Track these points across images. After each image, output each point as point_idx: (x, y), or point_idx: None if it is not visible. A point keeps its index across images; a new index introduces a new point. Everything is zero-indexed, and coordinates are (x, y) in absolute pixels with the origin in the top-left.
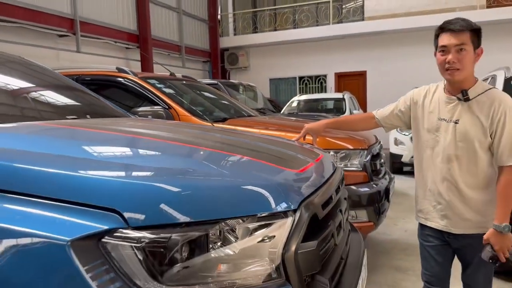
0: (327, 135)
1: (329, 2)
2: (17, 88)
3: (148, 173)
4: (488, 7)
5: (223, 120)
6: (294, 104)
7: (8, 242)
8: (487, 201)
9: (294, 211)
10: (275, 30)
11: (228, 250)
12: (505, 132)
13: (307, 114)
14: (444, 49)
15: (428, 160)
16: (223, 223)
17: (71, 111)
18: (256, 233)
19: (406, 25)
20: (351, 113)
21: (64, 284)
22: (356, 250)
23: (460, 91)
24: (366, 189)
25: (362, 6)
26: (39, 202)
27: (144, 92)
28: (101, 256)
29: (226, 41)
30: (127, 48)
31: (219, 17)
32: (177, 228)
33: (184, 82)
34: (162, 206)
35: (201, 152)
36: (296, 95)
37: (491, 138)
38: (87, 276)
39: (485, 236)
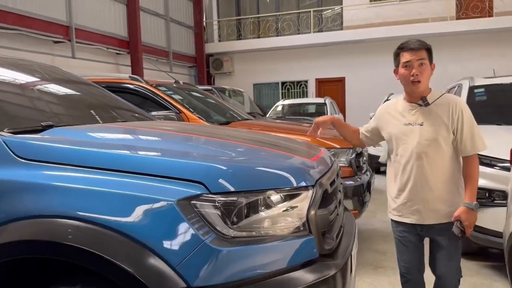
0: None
1: (310, 11)
2: (75, 94)
3: (219, 158)
4: (457, 18)
5: (226, 123)
6: (279, 108)
7: (139, 203)
8: (453, 191)
9: (312, 186)
10: (259, 37)
11: (272, 211)
12: (465, 127)
13: (293, 117)
14: (408, 64)
15: (399, 160)
16: (268, 192)
17: (119, 115)
18: (289, 200)
19: (382, 34)
20: None
21: (174, 226)
22: (350, 223)
23: (420, 99)
24: (352, 182)
25: (341, 16)
26: (155, 179)
27: (156, 98)
28: (193, 211)
29: (211, 47)
30: (117, 53)
31: (204, 23)
32: (239, 194)
33: (187, 88)
34: (230, 180)
35: (245, 146)
36: (278, 99)
37: (453, 134)
38: (188, 223)
39: (455, 213)
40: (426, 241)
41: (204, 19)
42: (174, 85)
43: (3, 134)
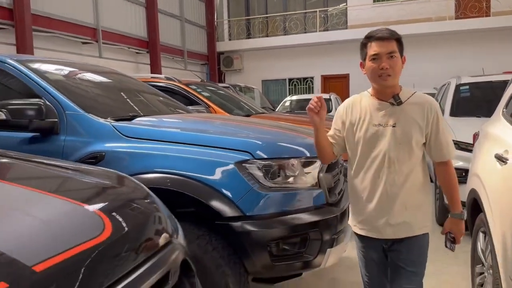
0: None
1: (316, 11)
2: (140, 93)
3: (258, 137)
4: (456, 18)
5: (247, 116)
6: (287, 103)
7: (212, 164)
8: (425, 200)
9: None
10: (267, 36)
11: (293, 172)
12: (440, 130)
13: (301, 112)
14: (376, 57)
15: (364, 168)
16: (291, 159)
17: (171, 108)
18: (306, 166)
19: None
20: None
21: (234, 178)
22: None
23: (391, 97)
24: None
25: (346, 16)
26: (220, 149)
27: (187, 95)
28: (245, 169)
29: (222, 46)
30: (137, 53)
31: (215, 23)
32: (272, 160)
33: (210, 86)
34: (265, 151)
35: (272, 130)
36: (285, 95)
37: (426, 138)
38: (242, 176)
39: (445, 227)
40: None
41: (215, 19)
42: (200, 83)
43: (110, 121)
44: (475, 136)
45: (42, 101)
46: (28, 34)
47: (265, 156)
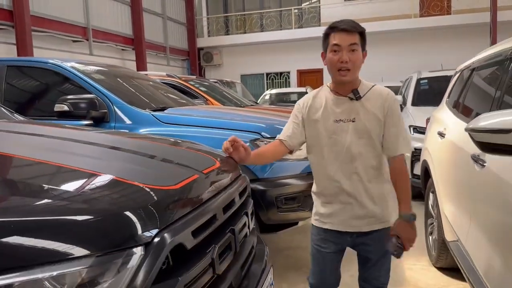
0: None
1: (291, 9)
2: (160, 89)
3: (263, 121)
4: (421, 16)
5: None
6: (267, 96)
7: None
8: (389, 193)
9: None
10: (245, 32)
11: None
12: (392, 123)
13: (282, 104)
14: (337, 49)
15: (328, 163)
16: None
17: (185, 101)
18: None
19: None
20: None
21: None
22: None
23: (350, 91)
24: None
25: (319, 13)
26: (237, 131)
27: (187, 90)
28: (257, 146)
29: (202, 42)
30: (123, 49)
31: (195, 20)
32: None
33: (203, 81)
34: (268, 131)
35: (270, 116)
36: (263, 89)
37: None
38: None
39: (392, 229)
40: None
41: (195, 16)
42: (196, 79)
43: (148, 111)
44: (427, 121)
45: (95, 96)
46: (27, 34)
47: (269, 136)
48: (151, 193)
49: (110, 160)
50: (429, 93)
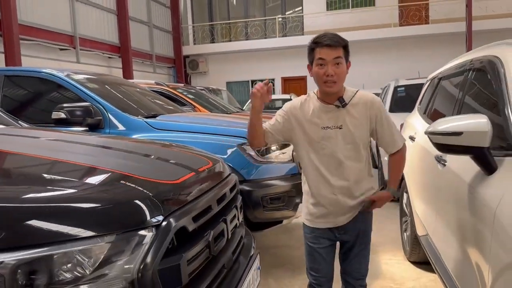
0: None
1: (275, 18)
2: (149, 97)
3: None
4: (400, 25)
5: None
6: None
7: (221, 146)
8: (370, 190)
9: None
10: (230, 41)
11: (274, 152)
12: (384, 125)
13: (267, 111)
14: (322, 62)
15: (317, 168)
16: None
17: (174, 108)
18: (284, 148)
19: None
20: None
21: (237, 155)
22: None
23: (336, 99)
24: None
25: (302, 22)
26: (225, 136)
27: (175, 97)
28: (244, 149)
29: (188, 49)
30: (109, 57)
31: (181, 28)
32: None
33: (191, 89)
34: None
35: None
36: (248, 96)
37: (372, 134)
38: (242, 153)
39: (375, 194)
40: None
41: (180, 24)
42: (183, 87)
43: (142, 118)
44: (401, 126)
45: (90, 104)
46: (15, 43)
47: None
48: (159, 186)
49: (119, 159)
50: (405, 100)
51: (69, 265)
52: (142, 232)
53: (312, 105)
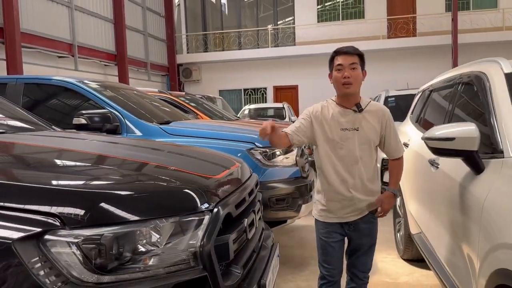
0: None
1: (268, 29)
2: (160, 105)
3: (256, 133)
4: (388, 37)
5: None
6: (246, 111)
7: (230, 151)
8: (378, 186)
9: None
10: (223, 50)
11: (280, 155)
12: (392, 134)
13: (262, 119)
14: (340, 68)
15: (334, 166)
16: None
17: (183, 115)
18: (288, 153)
19: (329, 49)
20: (290, 119)
21: (247, 161)
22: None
23: (354, 105)
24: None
25: (294, 33)
26: (234, 141)
27: (178, 105)
28: (252, 155)
29: (181, 58)
30: (105, 65)
31: (175, 37)
32: (267, 148)
33: (190, 97)
34: (263, 142)
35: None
36: (241, 104)
37: (380, 140)
38: (252, 159)
39: (378, 198)
40: None
41: (174, 33)
42: (185, 95)
43: (156, 124)
44: None
45: (108, 111)
46: (18, 50)
47: (262, 145)
48: (209, 179)
49: (167, 158)
50: (396, 109)
51: (148, 239)
52: (201, 216)
53: (331, 110)
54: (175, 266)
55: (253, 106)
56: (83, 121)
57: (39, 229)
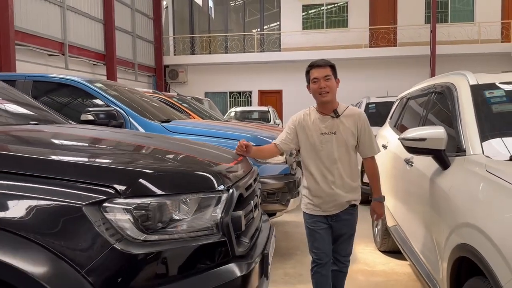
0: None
1: (254, 34)
2: (159, 104)
3: (249, 132)
4: (370, 46)
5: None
6: (232, 114)
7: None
8: (358, 183)
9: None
10: (210, 53)
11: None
12: (366, 135)
13: (249, 121)
14: (316, 80)
15: (317, 166)
16: None
17: (180, 115)
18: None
19: (312, 56)
20: (274, 122)
21: None
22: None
23: (331, 111)
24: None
25: (279, 40)
26: (233, 140)
27: (171, 105)
28: None
29: (168, 59)
30: (94, 64)
31: (162, 39)
32: None
33: (182, 98)
34: (257, 141)
35: (251, 128)
36: (226, 106)
37: (357, 142)
38: None
39: (371, 208)
40: None
41: (162, 35)
42: (177, 96)
43: (158, 122)
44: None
45: (113, 108)
46: (12, 48)
47: (255, 144)
48: (225, 166)
49: (190, 150)
50: (376, 115)
51: (180, 209)
52: (220, 194)
53: (313, 117)
54: (201, 231)
55: (239, 108)
56: (90, 117)
57: (103, 197)
